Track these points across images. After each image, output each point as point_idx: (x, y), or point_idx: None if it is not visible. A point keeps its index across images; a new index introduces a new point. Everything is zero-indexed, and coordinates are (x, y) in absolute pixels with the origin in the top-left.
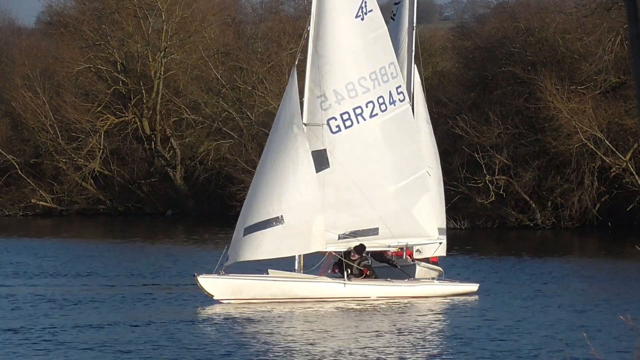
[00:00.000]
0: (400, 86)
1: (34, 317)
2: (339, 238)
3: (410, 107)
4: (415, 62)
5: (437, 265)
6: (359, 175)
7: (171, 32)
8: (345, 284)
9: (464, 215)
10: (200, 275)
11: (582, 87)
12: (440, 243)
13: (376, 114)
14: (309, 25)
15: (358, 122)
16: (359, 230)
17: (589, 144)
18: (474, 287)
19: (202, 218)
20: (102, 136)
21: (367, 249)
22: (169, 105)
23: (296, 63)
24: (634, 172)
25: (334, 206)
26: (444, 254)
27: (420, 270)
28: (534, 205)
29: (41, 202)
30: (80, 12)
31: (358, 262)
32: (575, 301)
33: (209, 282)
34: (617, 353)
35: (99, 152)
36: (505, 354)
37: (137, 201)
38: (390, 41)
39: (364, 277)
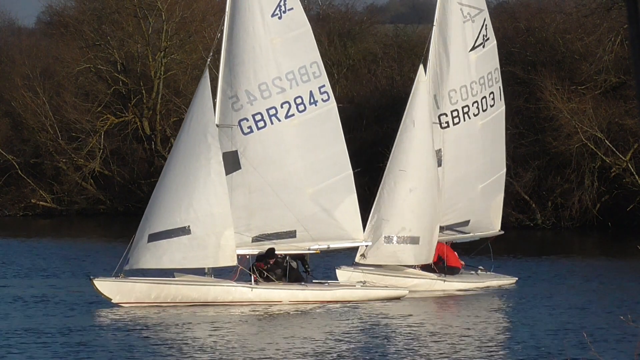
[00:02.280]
0: (323, 85)
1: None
2: (253, 241)
3: (336, 107)
4: (422, 62)
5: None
6: (273, 177)
7: (171, 32)
8: (252, 288)
9: None
10: (97, 279)
11: (582, 87)
12: (366, 246)
13: (292, 115)
14: (223, 25)
15: (272, 123)
16: (274, 233)
17: (589, 144)
18: (403, 292)
19: None
20: (102, 136)
21: (291, 252)
22: (169, 105)
23: (208, 63)
24: (634, 172)
25: (247, 208)
26: (430, 261)
27: (343, 273)
28: (534, 205)
29: (41, 202)
30: (80, 12)
31: (273, 265)
32: (575, 301)
33: (105, 286)
34: (618, 354)
35: (99, 152)
36: (505, 354)
37: (137, 201)
38: (314, 40)
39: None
